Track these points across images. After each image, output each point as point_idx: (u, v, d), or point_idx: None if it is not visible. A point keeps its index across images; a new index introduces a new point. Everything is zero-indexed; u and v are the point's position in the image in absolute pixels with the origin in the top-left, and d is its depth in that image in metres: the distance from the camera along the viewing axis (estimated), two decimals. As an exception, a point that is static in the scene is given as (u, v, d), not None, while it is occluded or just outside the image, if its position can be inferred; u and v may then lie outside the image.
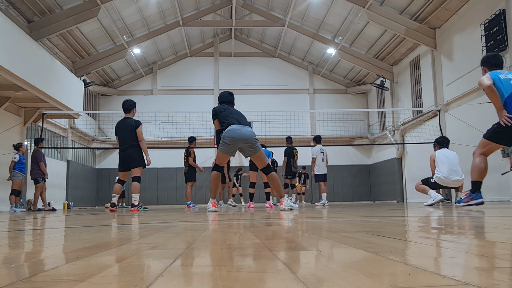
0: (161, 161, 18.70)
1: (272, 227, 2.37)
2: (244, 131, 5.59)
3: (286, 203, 5.65)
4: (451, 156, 7.52)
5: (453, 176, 7.32)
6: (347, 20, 15.62)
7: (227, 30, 20.47)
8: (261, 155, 5.72)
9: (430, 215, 3.67)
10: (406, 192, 16.56)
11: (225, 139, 5.58)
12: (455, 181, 7.36)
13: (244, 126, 5.66)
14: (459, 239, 1.54)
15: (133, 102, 7.54)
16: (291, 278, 0.80)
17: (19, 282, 0.82)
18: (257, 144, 5.65)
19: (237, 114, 5.84)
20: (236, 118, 5.73)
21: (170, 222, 3.15)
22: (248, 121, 5.89)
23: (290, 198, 11.64)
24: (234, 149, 5.66)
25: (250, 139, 5.59)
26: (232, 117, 5.72)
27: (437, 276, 0.79)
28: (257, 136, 5.85)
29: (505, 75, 4.86)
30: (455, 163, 7.47)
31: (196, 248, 1.34)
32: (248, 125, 5.75)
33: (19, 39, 9.99)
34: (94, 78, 17.96)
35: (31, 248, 1.60)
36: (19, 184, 10.48)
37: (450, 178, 7.31)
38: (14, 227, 3.22)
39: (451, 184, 7.44)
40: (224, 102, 6.04)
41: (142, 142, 7.29)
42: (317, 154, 10.85)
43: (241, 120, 5.75)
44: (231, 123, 5.65)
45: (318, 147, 10.97)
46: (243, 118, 5.82)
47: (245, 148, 5.66)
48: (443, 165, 7.39)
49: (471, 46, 11.48)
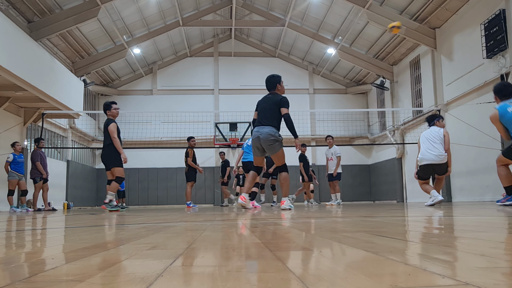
0: (161, 161, 18.71)
1: (272, 227, 2.37)
2: (261, 133, 5.84)
3: (286, 203, 5.87)
4: (431, 135, 6.99)
5: (431, 151, 6.85)
6: (347, 20, 15.62)
7: (227, 30, 20.47)
8: (279, 153, 5.88)
9: (430, 215, 3.67)
10: (406, 192, 16.56)
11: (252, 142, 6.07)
12: (434, 155, 6.83)
13: (262, 127, 5.84)
14: (459, 239, 1.53)
15: (107, 104, 7.49)
16: (291, 278, 0.80)
17: (19, 282, 0.82)
18: (274, 145, 5.79)
19: (262, 111, 5.96)
20: (259, 119, 5.94)
21: (170, 222, 3.14)
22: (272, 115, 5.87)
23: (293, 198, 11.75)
24: (260, 150, 5.97)
25: (266, 141, 5.80)
26: (258, 118, 5.98)
27: (437, 276, 0.79)
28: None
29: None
30: (435, 139, 6.91)
31: (196, 248, 1.34)
32: (267, 124, 5.83)
33: (19, 39, 9.99)
34: (94, 78, 17.95)
35: (31, 248, 1.60)
36: (14, 184, 10.43)
37: (426, 154, 6.87)
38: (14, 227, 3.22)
39: (431, 160, 6.86)
40: (268, 88, 6.15)
41: (114, 141, 7.20)
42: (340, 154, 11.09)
43: (262, 119, 5.89)
44: (255, 125, 6.00)
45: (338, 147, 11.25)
46: (267, 114, 5.88)
47: (265, 148, 5.89)
48: (422, 145, 7.02)
49: (471, 46, 11.48)
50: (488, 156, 10.46)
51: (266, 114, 5.85)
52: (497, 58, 10.26)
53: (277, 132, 5.82)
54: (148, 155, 18.79)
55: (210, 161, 19.22)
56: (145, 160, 18.84)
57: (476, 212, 3.85)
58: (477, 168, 11.20)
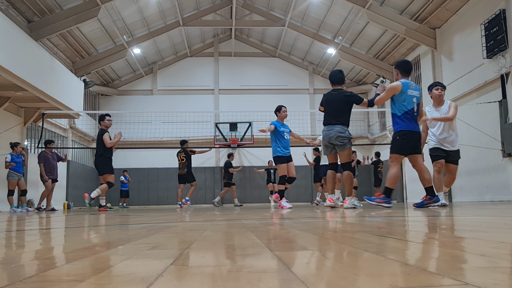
0: (161, 161, 18.70)
1: (272, 227, 2.37)
2: (331, 131, 5.98)
3: (349, 202, 5.97)
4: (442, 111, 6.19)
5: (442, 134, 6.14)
6: (347, 20, 15.61)
7: (227, 30, 20.46)
8: (348, 151, 6.04)
9: (430, 215, 3.67)
10: (406, 192, 16.56)
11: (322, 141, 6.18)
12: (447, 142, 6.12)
13: (333, 126, 6.00)
14: (459, 239, 1.54)
15: (101, 115, 8.43)
16: (291, 278, 0.80)
17: (19, 282, 0.82)
18: (344, 142, 5.96)
19: (331, 109, 6.09)
20: (328, 116, 6.08)
21: (171, 222, 3.15)
22: (340, 112, 6.05)
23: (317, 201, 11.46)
24: (330, 148, 6.09)
25: (337, 139, 5.95)
26: (327, 116, 6.11)
27: (437, 276, 0.79)
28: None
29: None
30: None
31: (196, 248, 1.34)
32: (337, 123, 6.00)
33: (19, 39, 9.98)
34: (94, 78, 17.94)
35: (31, 248, 1.60)
36: (14, 184, 10.43)
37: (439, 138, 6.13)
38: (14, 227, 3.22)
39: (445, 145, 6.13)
40: (335, 82, 6.30)
41: (112, 143, 8.03)
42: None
43: (331, 118, 6.03)
44: (324, 124, 6.13)
45: None
46: (335, 112, 6.05)
47: (335, 145, 6.01)
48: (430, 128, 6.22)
49: (471, 46, 11.48)
50: (488, 156, 10.46)
51: (334, 112, 6.05)
52: (497, 58, 10.26)
53: (347, 130, 6.02)
54: (148, 155, 18.78)
55: (210, 161, 19.21)
56: (145, 160, 18.84)
57: (476, 212, 3.85)
58: (477, 168, 11.19)
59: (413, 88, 5.47)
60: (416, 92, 5.48)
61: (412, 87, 5.46)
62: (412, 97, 5.42)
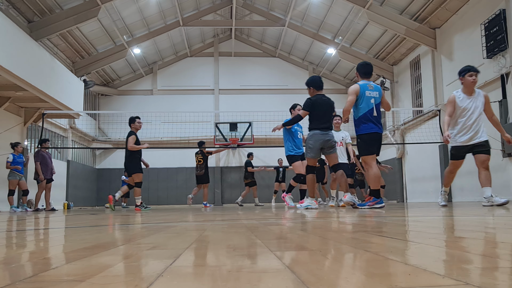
0: (161, 161, 18.69)
1: (273, 227, 2.37)
2: (330, 136, 6.17)
3: (349, 197, 6.15)
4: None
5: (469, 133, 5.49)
6: (347, 20, 15.62)
7: (227, 30, 20.47)
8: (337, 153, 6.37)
9: (430, 215, 3.67)
10: (406, 192, 16.56)
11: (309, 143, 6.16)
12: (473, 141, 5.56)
13: (329, 131, 6.19)
14: (459, 239, 1.54)
15: (132, 118, 8.48)
16: (291, 278, 0.80)
17: (19, 282, 0.82)
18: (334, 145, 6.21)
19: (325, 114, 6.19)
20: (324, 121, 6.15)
21: (171, 222, 3.15)
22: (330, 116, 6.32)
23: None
24: (319, 152, 6.18)
25: (332, 143, 6.15)
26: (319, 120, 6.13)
27: (437, 276, 0.79)
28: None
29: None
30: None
31: (196, 248, 1.35)
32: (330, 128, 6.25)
33: (19, 39, 9.99)
34: (94, 78, 17.94)
35: (31, 248, 1.60)
36: (15, 184, 10.43)
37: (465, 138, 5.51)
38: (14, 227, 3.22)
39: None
40: (320, 88, 6.44)
41: (133, 148, 8.23)
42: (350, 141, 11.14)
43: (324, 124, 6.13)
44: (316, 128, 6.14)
45: None
46: (328, 117, 6.23)
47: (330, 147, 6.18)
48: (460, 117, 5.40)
49: (471, 46, 11.48)
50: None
51: (327, 117, 6.22)
52: (497, 58, 10.26)
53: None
54: (149, 155, 18.67)
55: (210, 161, 19.17)
56: (145, 160, 18.82)
57: (476, 212, 3.85)
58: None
59: (371, 89, 5.59)
60: (374, 92, 5.59)
61: (370, 88, 5.58)
62: (369, 99, 5.54)
